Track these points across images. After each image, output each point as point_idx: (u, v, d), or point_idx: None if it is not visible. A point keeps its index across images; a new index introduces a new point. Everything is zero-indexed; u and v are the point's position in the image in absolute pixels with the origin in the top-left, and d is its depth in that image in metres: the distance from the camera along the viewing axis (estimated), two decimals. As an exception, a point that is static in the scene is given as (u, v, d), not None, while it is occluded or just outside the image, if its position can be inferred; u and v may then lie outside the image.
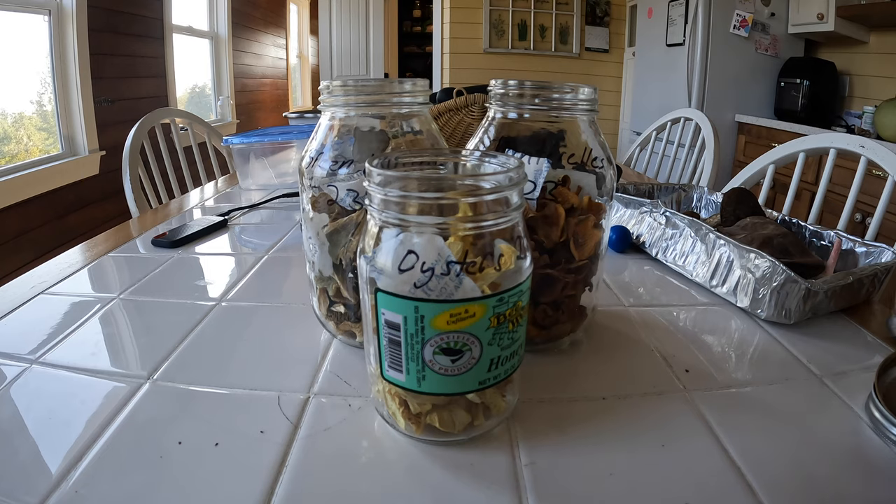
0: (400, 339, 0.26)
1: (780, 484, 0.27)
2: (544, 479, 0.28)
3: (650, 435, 0.31)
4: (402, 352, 0.26)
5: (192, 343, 0.41)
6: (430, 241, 0.25)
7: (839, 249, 0.53)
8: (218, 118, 3.30)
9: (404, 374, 0.27)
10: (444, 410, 0.29)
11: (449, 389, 0.27)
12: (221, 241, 0.67)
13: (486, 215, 0.25)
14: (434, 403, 0.29)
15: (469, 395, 0.28)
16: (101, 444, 0.30)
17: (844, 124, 2.24)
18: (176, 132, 1.44)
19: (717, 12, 2.41)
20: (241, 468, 0.28)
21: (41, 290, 0.51)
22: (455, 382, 0.27)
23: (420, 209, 0.25)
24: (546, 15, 3.66)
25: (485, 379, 0.27)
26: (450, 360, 0.26)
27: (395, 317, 0.26)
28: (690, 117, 1.39)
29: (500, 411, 0.30)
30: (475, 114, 0.95)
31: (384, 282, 0.26)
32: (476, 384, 0.27)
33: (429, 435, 0.30)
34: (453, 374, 0.27)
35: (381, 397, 0.31)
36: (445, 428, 0.29)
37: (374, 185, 0.26)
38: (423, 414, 0.29)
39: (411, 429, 0.30)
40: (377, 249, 0.26)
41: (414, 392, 0.28)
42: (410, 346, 0.26)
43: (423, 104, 0.38)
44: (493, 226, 0.26)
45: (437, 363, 0.26)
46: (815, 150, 0.95)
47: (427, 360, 0.26)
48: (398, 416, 0.30)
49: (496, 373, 0.27)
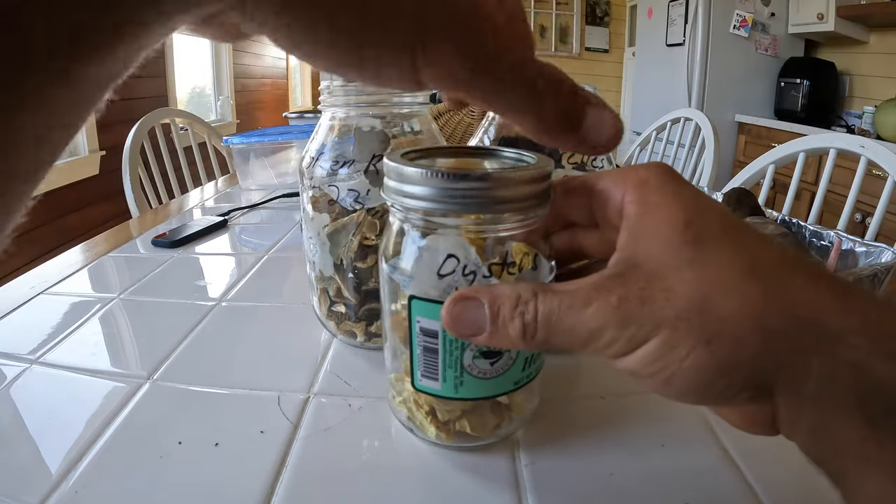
0: (437, 347, 0.25)
1: (780, 484, 0.27)
2: (544, 479, 0.28)
3: (650, 435, 0.31)
4: (440, 359, 0.25)
5: (192, 343, 0.41)
6: (460, 243, 0.24)
7: (839, 249, 0.53)
8: (218, 118, 3.30)
9: (440, 381, 0.26)
10: (473, 415, 0.28)
11: (486, 393, 0.26)
12: (221, 241, 0.67)
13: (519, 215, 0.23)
14: (463, 409, 0.28)
15: (500, 398, 0.28)
16: (101, 444, 0.30)
17: (844, 124, 2.24)
18: (176, 132, 1.44)
19: (717, 12, 2.41)
20: (241, 468, 0.28)
21: (41, 290, 0.51)
22: (492, 385, 0.26)
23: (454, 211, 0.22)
24: (546, 15, 3.66)
25: (519, 378, 0.27)
26: (489, 362, 0.25)
27: (432, 324, 0.24)
28: (690, 117, 1.39)
29: (523, 411, 0.30)
30: (475, 114, 0.95)
31: (418, 288, 0.24)
32: (512, 385, 0.27)
33: (459, 441, 0.29)
34: (492, 376, 0.26)
35: (402, 407, 0.30)
36: (476, 432, 0.28)
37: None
38: (453, 421, 0.28)
39: (441, 437, 0.29)
40: (403, 254, 0.25)
41: (447, 399, 0.27)
42: (449, 352, 0.25)
43: (423, 104, 0.38)
44: (525, 226, 0.24)
45: (477, 367, 0.25)
46: (815, 150, 0.95)
47: (466, 366, 0.25)
48: (426, 426, 0.29)
49: (529, 371, 0.27)
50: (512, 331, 0.19)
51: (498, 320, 0.19)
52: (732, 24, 2.42)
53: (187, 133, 1.44)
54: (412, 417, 0.29)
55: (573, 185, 0.23)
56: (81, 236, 1.99)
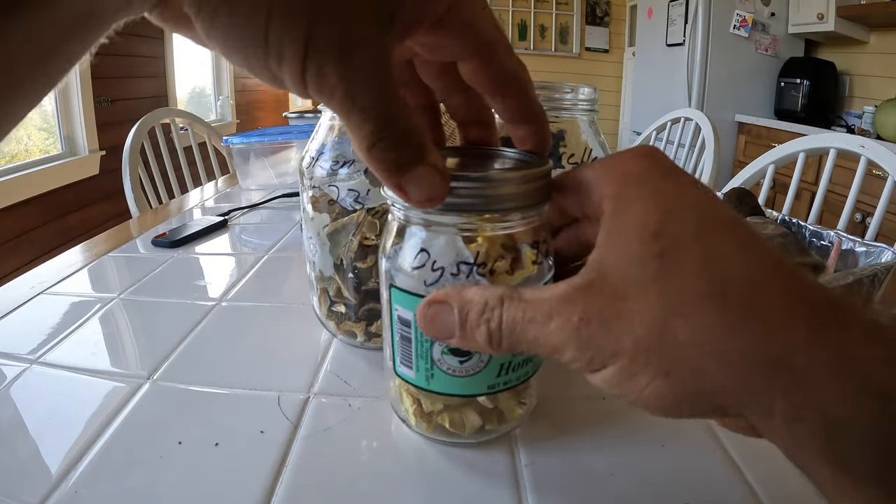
0: (411, 336, 0.26)
1: (780, 484, 0.27)
2: (544, 479, 0.28)
3: (650, 435, 0.31)
4: (413, 349, 0.26)
5: (192, 343, 0.41)
6: (449, 241, 0.25)
7: (839, 249, 0.53)
8: (218, 118, 3.30)
9: (414, 371, 0.27)
10: (456, 412, 0.29)
11: (457, 391, 0.27)
12: (221, 241, 0.67)
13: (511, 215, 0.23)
14: (446, 404, 0.29)
15: (480, 399, 0.28)
16: (101, 444, 0.30)
17: (844, 124, 2.24)
18: (176, 132, 1.44)
19: (717, 12, 2.41)
20: (241, 468, 0.28)
21: (41, 290, 0.51)
22: (463, 384, 0.27)
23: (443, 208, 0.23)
24: (546, 15, 3.66)
25: (494, 384, 0.27)
26: (458, 360, 0.26)
27: (406, 313, 0.26)
28: (690, 117, 1.39)
29: (515, 418, 0.30)
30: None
31: (400, 279, 0.26)
32: (485, 388, 0.27)
33: (439, 435, 0.30)
34: (461, 375, 0.26)
35: (396, 394, 0.31)
36: (455, 429, 0.29)
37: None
38: (435, 413, 0.29)
39: (422, 426, 0.30)
40: (397, 247, 0.26)
41: (425, 391, 0.28)
42: (420, 343, 0.26)
43: (423, 104, 0.37)
44: (512, 226, 0.24)
45: (446, 363, 0.26)
46: (815, 150, 0.95)
47: (436, 359, 0.26)
48: (410, 414, 0.30)
49: (506, 378, 0.27)
50: (479, 337, 0.19)
51: (466, 326, 0.20)
52: (732, 24, 2.42)
53: (187, 133, 1.44)
54: (402, 404, 0.30)
55: (566, 180, 0.23)
56: (81, 236, 1.99)
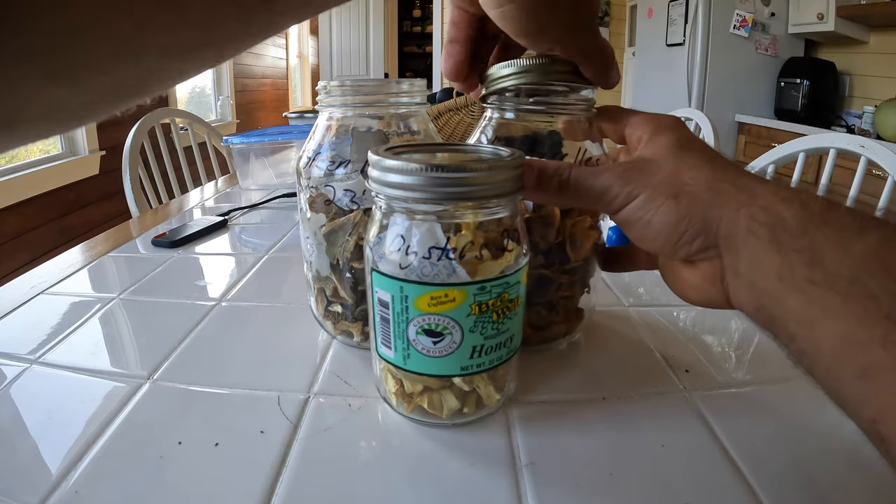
0: (389, 317, 0.28)
1: (780, 484, 0.27)
2: (544, 479, 0.28)
3: (650, 435, 0.31)
4: (391, 329, 0.28)
5: (192, 343, 0.41)
6: (428, 228, 0.27)
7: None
8: (218, 118, 3.30)
9: (393, 350, 0.29)
10: (435, 394, 0.30)
11: (431, 370, 0.29)
12: (221, 241, 0.67)
13: (487, 203, 0.26)
14: (426, 385, 0.30)
15: (456, 382, 0.30)
16: (101, 444, 0.30)
17: (844, 124, 2.24)
18: (176, 132, 1.44)
19: (717, 12, 2.40)
20: (241, 468, 0.28)
21: (41, 290, 0.51)
22: (437, 364, 0.28)
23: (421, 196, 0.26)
24: (546, 15, 3.65)
25: (467, 365, 0.29)
26: (431, 341, 0.28)
27: (385, 295, 0.28)
28: (690, 117, 1.39)
29: (493, 403, 0.31)
30: (475, 114, 0.95)
31: (381, 264, 0.28)
32: (458, 369, 0.29)
33: (418, 415, 0.31)
34: (435, 355, 0.28)
35: (381, 375, 0.32)
36: (433, 410, 0.30)
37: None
38: (415, 394, 0.31)
39: (402, 406, 0.31)
40: (381, 236, 0.28)
41: (403, 370, 0.30)
42: (397, 323, 0.28)
43: (421, 104, 0.38)
44: (487, 214, 0.27)
45: (420, 343, 0.28)
46: (815, 150, 0.95)
47: (411, 339, 0.28)
48: (392, 394, 0.31)
49: (479, 361, 0.29)
50: (552, 185, 0.27)
51: (543, 178, 0.27)
52: (732, 24, 2.42)
53: (187, 133, 1.44)
54: (385, 384, 0.32)
55: (616, 113, 0.32)
56: (81, 236, 1.99)
